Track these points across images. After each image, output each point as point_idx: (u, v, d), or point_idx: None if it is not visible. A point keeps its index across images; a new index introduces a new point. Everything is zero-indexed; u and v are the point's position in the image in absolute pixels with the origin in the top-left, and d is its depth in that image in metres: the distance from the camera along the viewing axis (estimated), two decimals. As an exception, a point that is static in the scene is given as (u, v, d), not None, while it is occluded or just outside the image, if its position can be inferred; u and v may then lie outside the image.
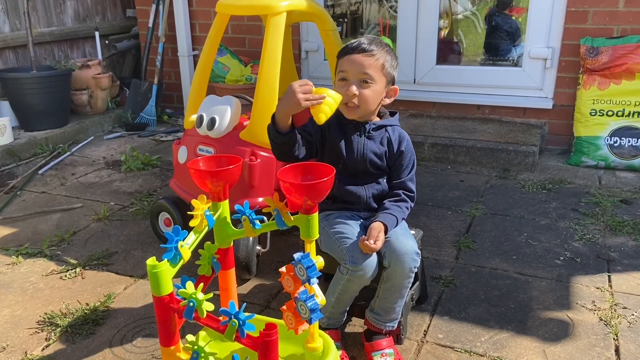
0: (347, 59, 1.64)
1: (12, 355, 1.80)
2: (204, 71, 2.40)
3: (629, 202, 2.85)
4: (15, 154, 3.61)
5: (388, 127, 1.74)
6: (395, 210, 1.71)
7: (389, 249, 1.63)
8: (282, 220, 1.36)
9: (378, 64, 1.63)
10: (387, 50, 1.68)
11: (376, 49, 1.64)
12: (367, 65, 1.62)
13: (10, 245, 2.51)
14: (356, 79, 1.63)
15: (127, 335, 1.88)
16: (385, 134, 1.74)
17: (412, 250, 1.62)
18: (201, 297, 1.15)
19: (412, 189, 1.77)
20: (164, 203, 2.42)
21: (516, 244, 2.46)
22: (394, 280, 1.64)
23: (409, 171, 1.76)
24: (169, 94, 4.72)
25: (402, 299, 1.68)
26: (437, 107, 3.94)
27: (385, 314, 1.70)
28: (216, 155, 1.46)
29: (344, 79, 1.65)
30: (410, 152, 1.77)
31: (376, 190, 1.75)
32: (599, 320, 1.92)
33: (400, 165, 1.75)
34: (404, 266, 1.61)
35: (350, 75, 1.63)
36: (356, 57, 1.63)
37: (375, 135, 1.72)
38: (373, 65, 1.62)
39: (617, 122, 3.30)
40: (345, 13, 5.54)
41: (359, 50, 1.63)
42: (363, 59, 1.62)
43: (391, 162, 1.75)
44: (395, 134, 1.75)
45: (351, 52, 1.64)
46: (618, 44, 3.27)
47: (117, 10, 4.98)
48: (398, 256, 1.61)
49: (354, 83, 1.63)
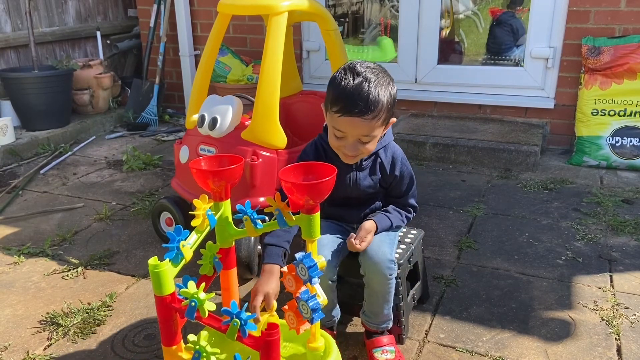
0: (346, 121, 1.48)
1: (14, 354, 1.80)
2: (206, 71, 2.40)
3: (631, 201, 2.85)
4: (17, 154, 3.61)
5: (380, 151, 1.67)
6: (394, 216, 1.70)
7: (363, 257, 1.62)
8: (284, 220, 1.36)
9: (380, 122, 1.50)
10: (387, 86, 1.50)
11: (380, 99, 1.46)
12: (369, 129, 1.50)
13: (12, 245, 2.51)
14: (356, 139, 1.53)
15: (129, 335, 1.88)
16: (377, 160, 1.67)
17: (386, 258, 1.59)
18: (203, 296, 1.15)
19: (414, 205, 1.76)
20: (166, 203, 2.43)
21: (518, 243, 2.46)
22: (373, 287, 1.64)
23: (409, 190, 1.74)
24: (170, 94, 4.72)
25: (388, 303, 1.67)
26: (438, 106, 3.94)
27: (375, 317, 1.70)
28: (218, 155, 1.46)
29: (341, 137, 1.53)
30: (407, 171, 1.71)
31: (370, 210, 1.74)
32: (601, 320, 1.92)
33: (399, 189, 1.72)
34: (378, 275, 1.60)
35: (349, 136, 1.52)
36: (356, 122, 1.47)
37: (366, 164, 1.67)
38: (375, 125, 1.50)
39: (619, 121, 3.29)
40: (346, 13, 5.54)
41: (359, 112, 1.45)
42: (364, 123, 1.48)
43: (386, 184, 1.71)
44: (388, 157, 1.67)
45: (351, 112, 1.46)
46: (620, 43, 3.26)
47: (118, 10, 4.98)
48: (371, 265, 1.60)
49: (354, 143, 1.53)
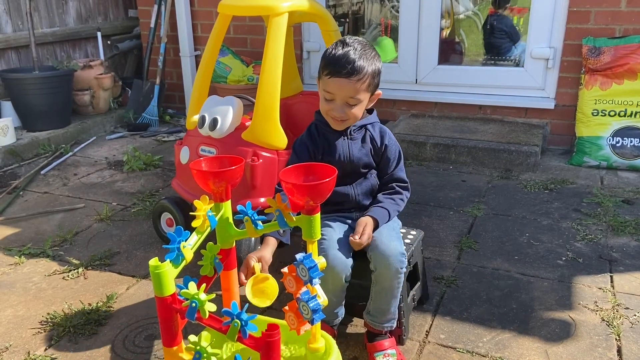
0: (334, 82, 1.61)
1: (15, 355, 1.80)
2: (206, 71, 2.40)
3: (631, 202, 2.85)
4: (17, 155, 3.61)
5: (368, 126, 1.77)
6: (388, 204, 1.72)
7: (373, 252, 1.62)
8: (284, 220, 1.36)
9: (364, 86, 1.62)
10: (373, 58, 1.64)
11: (365, 65, 1.60)
12: (354, 91, 1.61)
13: (12, 246, 2.51)
14: (343, 101, 1.64)
15: (130, 335, 1.88)
16: (366, 132, 1.76)
17: (397, 251, 1.61)
18: (203, 297, 1.15)
19: (403, 178, 1.79)
20: (166, 203, 2.43)
21: (518, 244, 2.46)
22: (382, 282, 1.63)
23: (397, 162, 1.78)
24: (170, 94, 4.72)
25: (396, 299, 1.67)
26: (438, 107, 3.94)
27: (381, 316, 1.70)
28: (218, 156, 1.46)
29: (330, 99, 1.65)
30: (394, 144, 1.78)
31: (365, 187, 1.76)
32: (601, 321, 1.92)
33: (387, 159, 1.77)
34: (389, 269, 1.60)
35: (337, 98, 1.64)
36: (344, 82, 1.60)
37: (357, 136, 1.75)
38: (360, 88, 1.61)
39: (619, 122, 3.29)
40: (346, 13, 5.54)
41: (347, 73, 1.59)
42: (351, 84, 1.60)
43: (377, 157, 1.76)
44: (376, 131, 1.77)
45: (338, 73, 1.60)
46: (620, 44, 3.26)
47: (119, 10, 4.98)
48: (383, 259, 1.60)
49: (341, 105, 1.64)
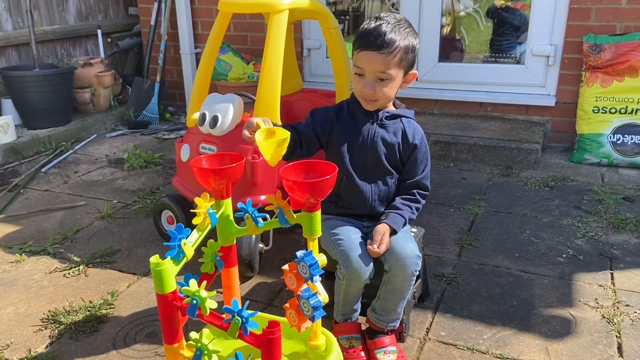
0: (364, 55, 1.55)
1: (16, 352, 1.80)
2: (207, 69, 2.40)
3: (632, 199, 2.85)
4: (18, 152, 3.61)
5: (403, 118, 1.68)
6: (405, 211, 1.68)
7: (389, 253, 1.61)
8: (285, 218, 1.36)
9: (396, 60, 1.55)
10: (407, 34, 1.57)
11: (396, 39, 1.53)
12: (384, 65, 1.55)
13: (13, 243, 2.51)
14: (373, 76, 1.57)
15: (131, 332, 1.89)
16: (400, 124, 1.68)
17: (413, 254, 1.60)
18: (204, 294, 1.15)
19: (427, 186, 1.73)
20: (167, 201, 2.43)
21: (519, 241, 2.46)
22: (395, 283, 1.63)
23: (424, 167, 1.72)
24: (171, 92, 4.72)
25: (404, 300, 1.67)
26: (439, 104, 3.94)
27: (387, 314, 1.69)
28: (219, 154, 1.46)
29: (360, 74, 1.59)
30: (425, 147, 1.71)
31: (383, 193, 1.71)
32: (602, 318, 1.92)
33: (415, 161, 1.70)
34: (405, 270, 1.59)
35: (367, 73, 1.57)
36: (373, 55, 1.54)
37: (389, 124, 1.67)
38: (391, 62, 1.54)
39: (620, 119, 3.29)
40: (347, 10, 5.54)
41: (377, 46, 1.53)
42: (381, 58, 1.54)
43: (405, 156, 1.69)
44: (411, 127, 1.69)
45: (368, 46, 1.54)
46: (621, 41, 3.26)
47: (119, 8, 4.98)
48: (399, 260, 1.59)
49: (371, 81, 1.58)
